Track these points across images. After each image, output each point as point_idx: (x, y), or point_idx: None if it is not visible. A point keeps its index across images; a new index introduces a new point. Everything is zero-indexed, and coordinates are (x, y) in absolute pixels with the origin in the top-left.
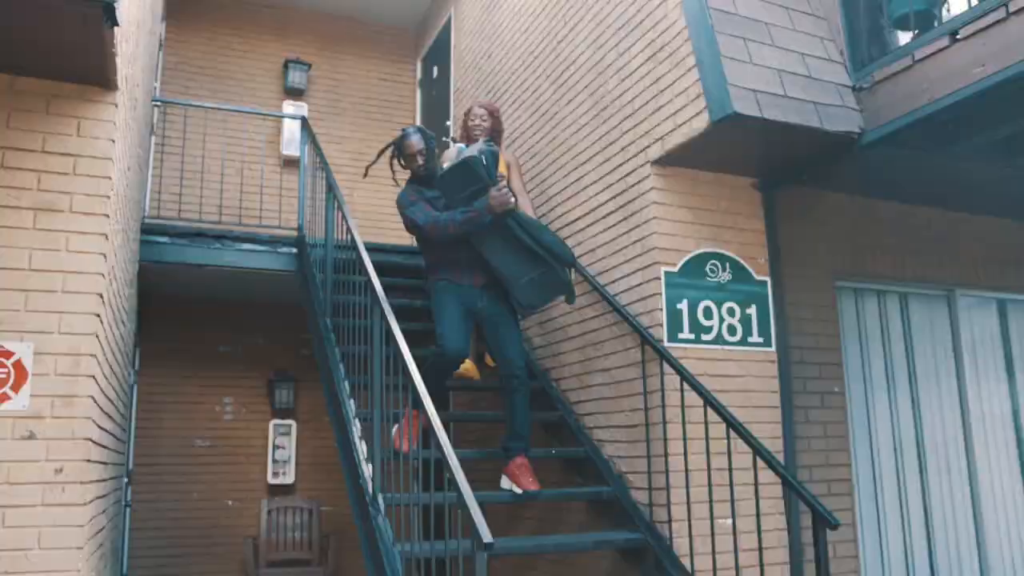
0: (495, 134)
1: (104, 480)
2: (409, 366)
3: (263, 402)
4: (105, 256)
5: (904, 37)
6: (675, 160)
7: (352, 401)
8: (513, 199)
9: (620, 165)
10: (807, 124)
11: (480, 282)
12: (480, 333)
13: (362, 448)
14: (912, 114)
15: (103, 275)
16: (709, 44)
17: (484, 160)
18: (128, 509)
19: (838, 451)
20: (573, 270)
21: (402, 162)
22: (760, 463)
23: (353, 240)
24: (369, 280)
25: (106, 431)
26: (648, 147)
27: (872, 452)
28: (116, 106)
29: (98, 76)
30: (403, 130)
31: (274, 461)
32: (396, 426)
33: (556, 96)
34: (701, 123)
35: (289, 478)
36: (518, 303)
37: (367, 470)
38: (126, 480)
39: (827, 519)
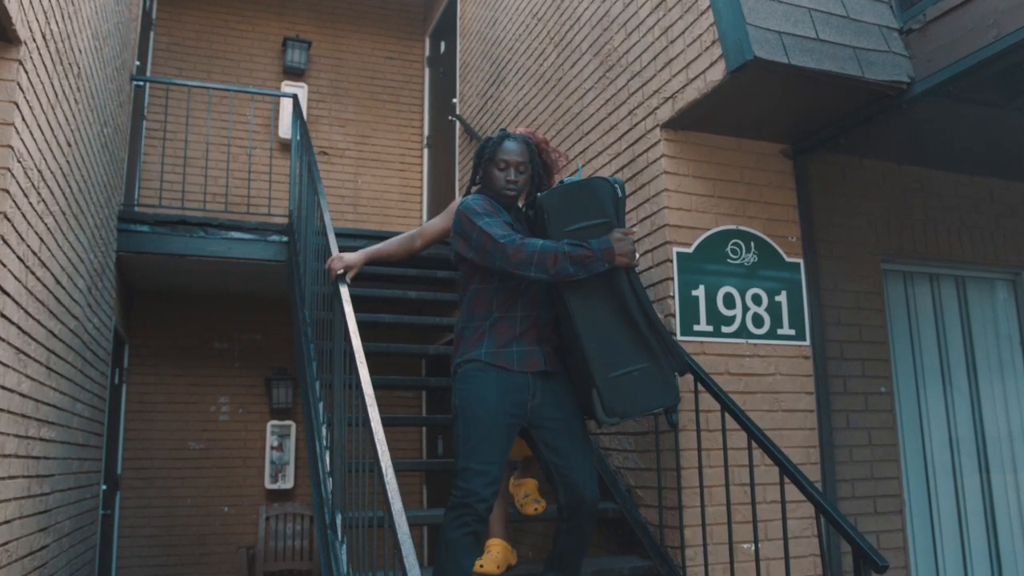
0: (542, 181)
1: (37, 496)
2: (359, 365)
3: (261, 402)
4: (5, 239)
5: None
6: (689, 123)
7: (322, 404)
8: (639, 255)
9: (627, 132)
10: (845, 72)
11: (537, 366)
12: (530, 444)
13: (326, 459)
14: (973, 56)
15: (2, 262)
16: None
17: (618, 191)
18: (112, 518)
19: (885, 461)
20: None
21: (479, 177)
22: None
23: (345, 225)
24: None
25: (40, 440)
26: (657, 108)
27: (926, 462)
28: (21, 63)
29: None
30: (502, 131)
31: (272, 464)
32: None
33: (560, 60)
34: (716, 74)
35: (288, 483)
36: (601, 407)
37: (328, 486)
38: (104, 488)
39: (873, 559)
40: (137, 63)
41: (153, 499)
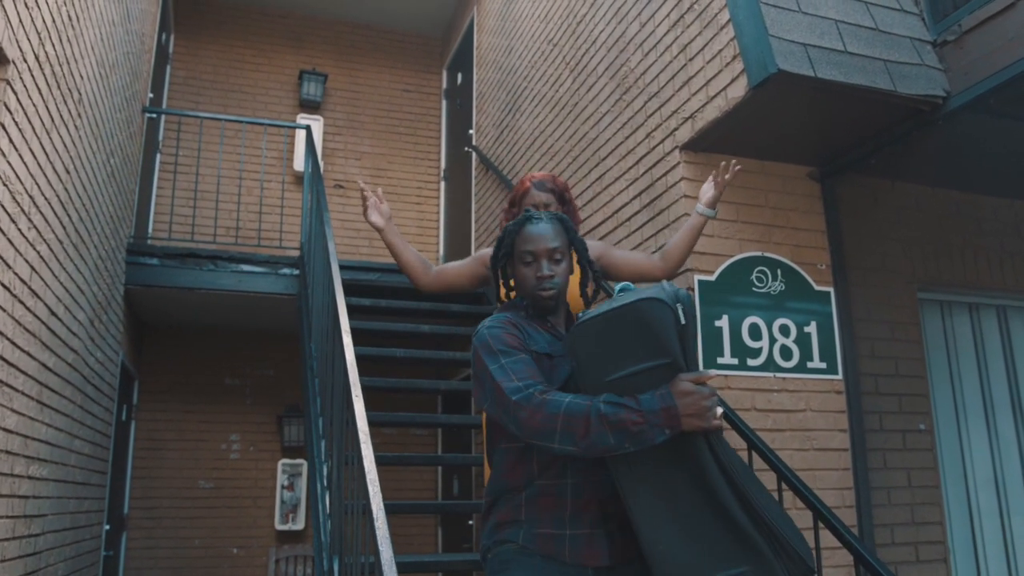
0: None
1: (24, 537)
2: (354, 399)
3: (272, 440)
4: None
5: None
6: (709, 144)
7: (324, 442)
8: (721, 411)
9: (645, 155)
10: (875, 86)
11: (599, 558)
12: None
13: (326, 500)
14: (1015, 66)
15: None
16: None
17: (680, 315)
18: (116, 560)
19: (927, 505)
20: None
21: (507, 275)
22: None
23: (360, 258)
24: (334, 299)
25: (28, 478)
26: (676, 129)
27: (970, 504)
28: (9, 84)
29: None
30: (526, 212)
31: (282, 504)
32: None
33: (576, 84)
34: (738, 91)
35: (299, 524)
36: None
37: (327, 528)
38: (108, 528)
39: None
40: (151, 96)
41: (160, 540)
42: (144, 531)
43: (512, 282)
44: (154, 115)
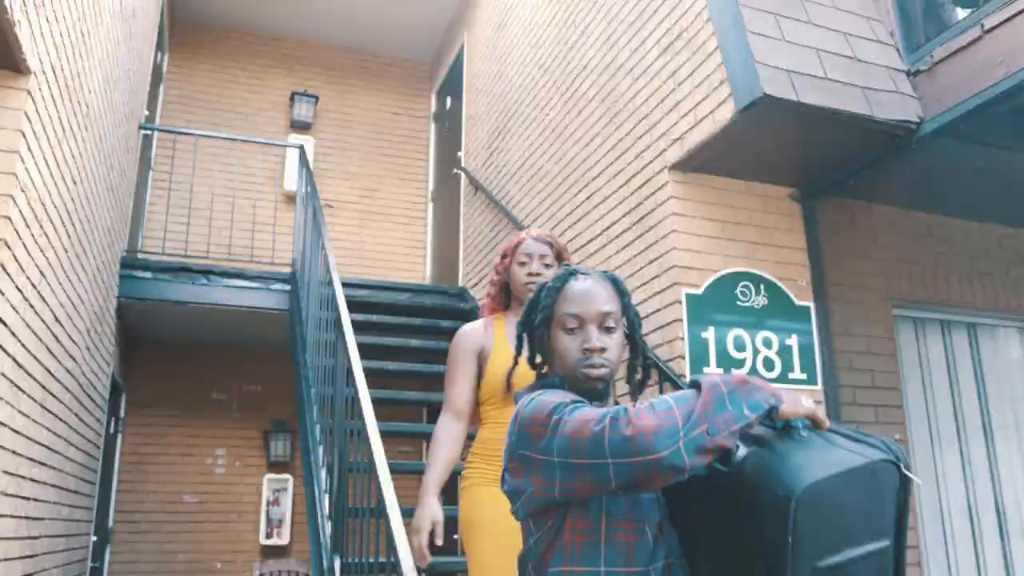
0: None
1: (25, 538)
2: (364, 412)
3: (258, 455)
4: (5, 266)
5: (964, 14)
6: (697, 164)
7: (321, 448)
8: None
9: (634, 175)
10: (853, 111)
11: None
12: None
13: (324, 504)
14: (983, 94)
15: (1, 291)
16: (733, 19)
17: (902, 463)
18: (100, 573)
19: None
20: None
21: (538, 347)
22: None
23: (349, 277)
24: (338, 314)
25: (30, 480)
26: (665, 150)
27: (943, 519)
28: (30, 94)
29: (5, 58)
30: (569, 266)
31: (268, 520)
32: None
33: (566, 108)
34: (725, 113)
35: (284, 539)
36: None
37: (327, 530)
38: (94, 539)
39: None
40: (146, 113)
41: (144, 553)
42: (128, 544)
43: (539, 358)
44: (149, 132)
